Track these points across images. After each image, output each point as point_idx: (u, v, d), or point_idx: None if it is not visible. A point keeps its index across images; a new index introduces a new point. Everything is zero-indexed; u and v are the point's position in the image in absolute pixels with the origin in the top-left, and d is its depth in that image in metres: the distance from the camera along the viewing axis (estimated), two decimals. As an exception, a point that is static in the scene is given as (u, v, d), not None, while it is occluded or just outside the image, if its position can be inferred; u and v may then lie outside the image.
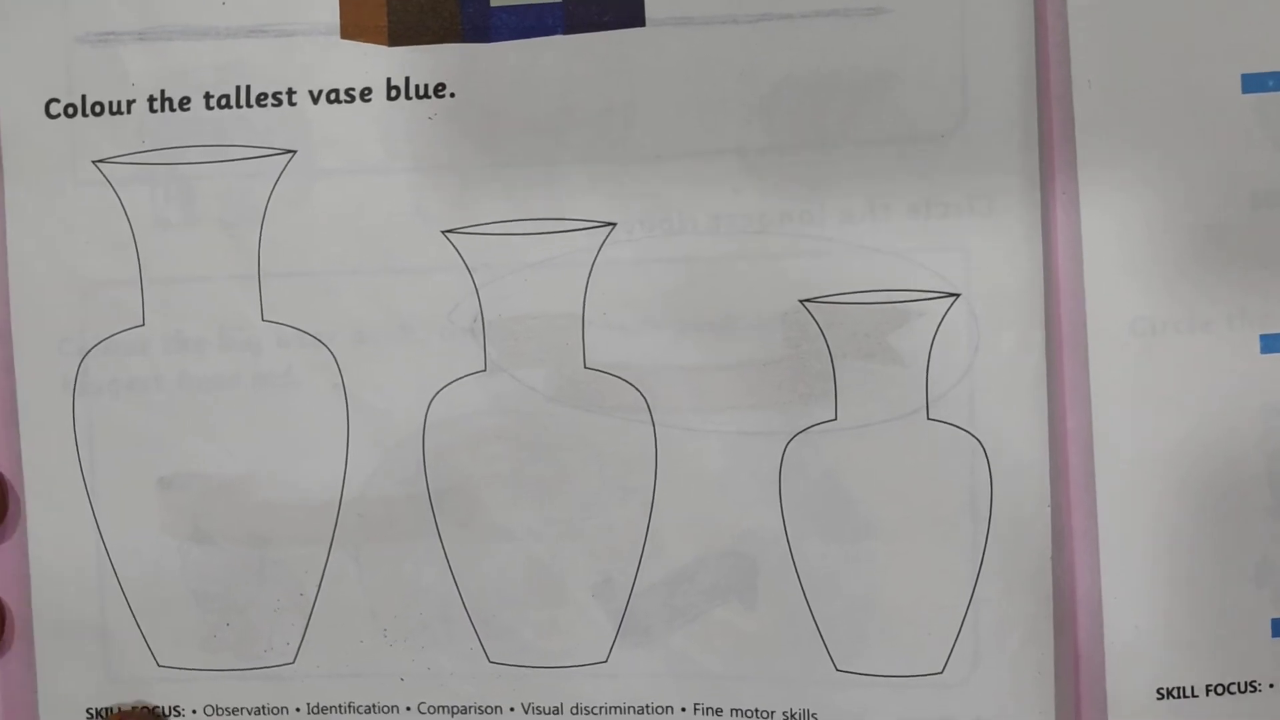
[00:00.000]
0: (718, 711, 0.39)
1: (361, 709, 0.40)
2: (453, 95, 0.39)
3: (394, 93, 0.39)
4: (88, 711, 0.41)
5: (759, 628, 0.39)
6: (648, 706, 0.40)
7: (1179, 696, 0.38)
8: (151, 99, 0.39)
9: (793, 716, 0.39)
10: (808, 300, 0.38)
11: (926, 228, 0.38)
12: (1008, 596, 0.38)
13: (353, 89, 0.39)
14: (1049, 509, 0.38)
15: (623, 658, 0.40)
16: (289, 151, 0.39)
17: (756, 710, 0.39)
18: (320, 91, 0.39)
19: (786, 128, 0.38)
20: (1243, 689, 0.38)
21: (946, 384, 0.38)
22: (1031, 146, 0.37)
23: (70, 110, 0.39)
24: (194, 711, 0.41)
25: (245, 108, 0.39)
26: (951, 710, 0.38)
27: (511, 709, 0.40)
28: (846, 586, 0.39)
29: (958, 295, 0.38)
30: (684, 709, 0.39)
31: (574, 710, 0.40)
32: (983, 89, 0.37)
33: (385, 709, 0.40)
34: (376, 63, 0.39)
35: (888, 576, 0.38)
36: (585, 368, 0.39)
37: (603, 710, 0.40)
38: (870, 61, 0.37)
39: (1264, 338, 0.38)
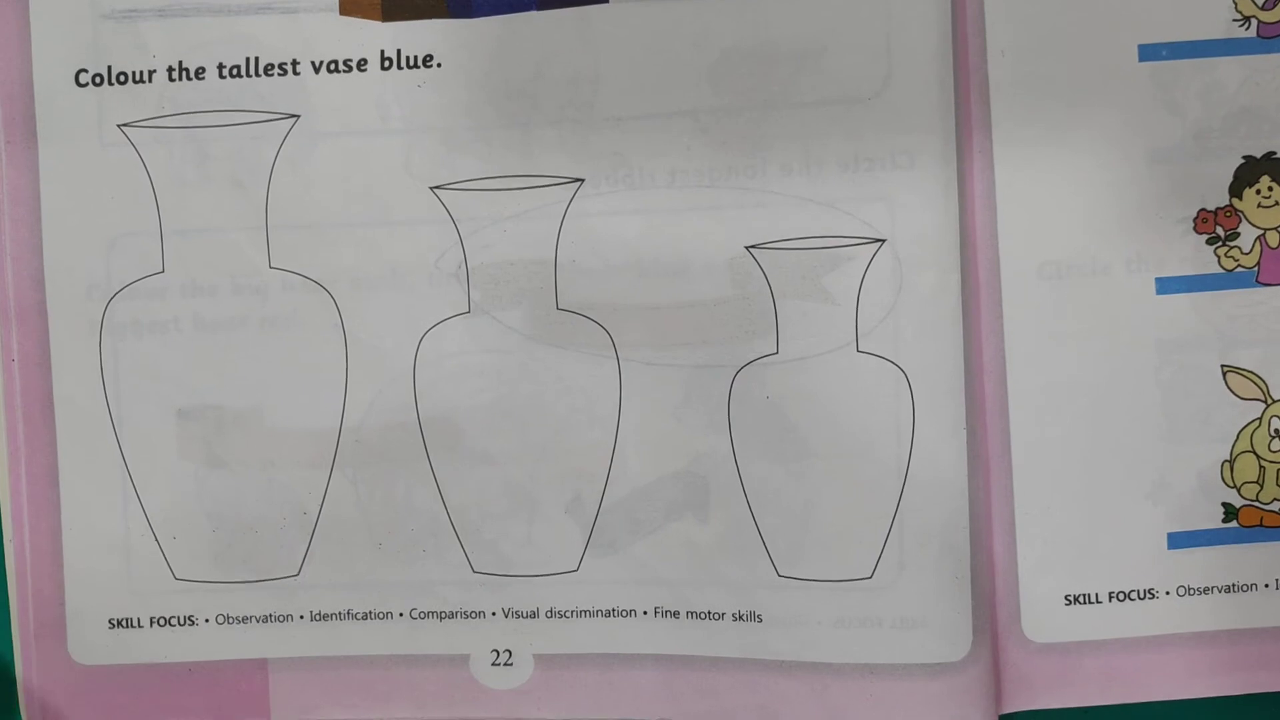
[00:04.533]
0: (675, 614, 0.41)
1: (359, 615, 0.42)
2: (439, 65, 0.40)
3: (387, 63, 0.40)
4: (109, 620, 0.42)
5: (710, 539, 0.41)
6: (614, 610, 0.41)
7: (1085, 603, 0.40)
8: (170, 69, 0.40)
9: (740, 617, 0.41)
10: (752, 246, 0.40)
11: (855, 181, 0.39)
12: (928, 510, 0.40)
13: (350, 60, 0.40)
14: (964, 432, 0.39)
15: (592, 567, 0.41)
16: (293, 116, 0.40)
17: (709, 612, 0.41)
18: (321, 62, 0.40)
19: (733, 92, 0.39)
20: (1141, 596, 0.40)
21: (874, 320, 0.39)
22: (948, 109, 0.39)
23: (97, 79, 0.40)
24: (207, 620, 0.42)
25: (254, 77, 0.40)
26: (880, 610, 0.40)
27: (493, 613, 0.42)
28: (787, 501, 0.40)
29: (883, 241, 0.39)
30: (645, 612, 0.41)
31: (549, 614, 0.42)
32: (904, 57, 0.39)
33: (381, 615, 0.42)
34: (371, 36, 0.40)
35: (823, 492, 0.40)
36: (557, 308, 0.41)
37: (574, 614, 0.41)
38: (805, 33, 0.39)
39: (1159, 280, 0.40)
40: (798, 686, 0.41)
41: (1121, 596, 0.41)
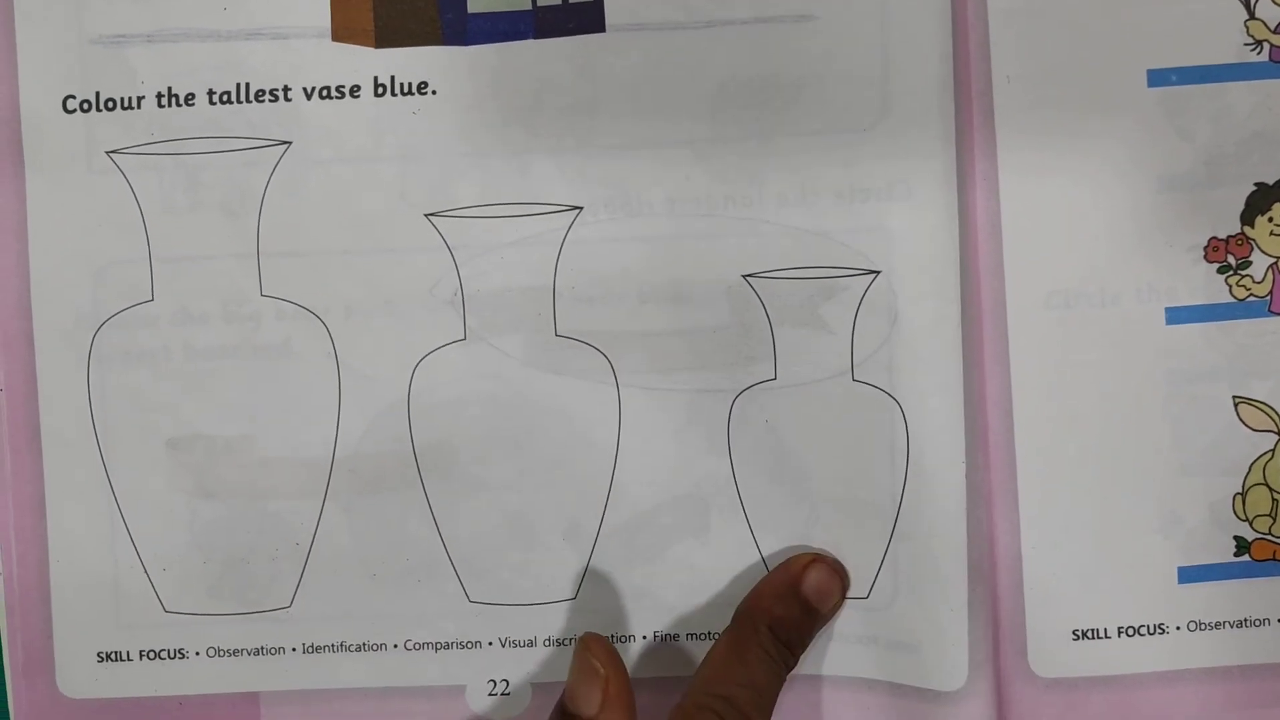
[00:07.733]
0: (674, 637, 0.41)
1: (353, 648, 0.42)
2: (434, 92, 0.40)
3: (380, 90, 0.40)
4: (99, 654, 0.42)
5: (710, 562, 0.41)
6: (612, 636, 0.41)
7: (1092, 637, 0.40)
8: (159, 95, 0.40)
9: (740, 639, 0.40)
10: (749, 275, 0.40)
11: (852, 211, 0.39)
12: (922, 539, 0.40)
13: (343, 86, 0.40)
14: (963, 464, 0.39)
15: (590, 594, 0.41)
16: (285, 143, 0.40)
17: (709, 633, 0.41)
18: (313, 89, 0.40)
19: (730, 121, 0.39)
20: (1151, 631, 0.40)
21: (869, 350, 0.39)
22: (949, 138, 0.39)
23: (85, 106, 0.40)
24: (198, 653, 0.42)
25: (245, 103, 0.40)
26: (876, 631, 0.40)
27: (490, 643, 0.42)
28: (787, 523, 0.40)
29: (878, 272, 0.39)
30: (645, 637, 0.41)
31: (546, 643, 0.41)
32: (901, 87, 0.39)
33: (375, 647, 0.42)
34: (364, 63, 0.40)
35: (820, 515, 0.40)
36: (556, 335, 0.40)
37: (572, 641, 0.41)
38: (801, 62, 0.39)
39: (1169, 310, 0.39)
40: (793, 699, 0.41)
41: (1131, 631, 0.40)
